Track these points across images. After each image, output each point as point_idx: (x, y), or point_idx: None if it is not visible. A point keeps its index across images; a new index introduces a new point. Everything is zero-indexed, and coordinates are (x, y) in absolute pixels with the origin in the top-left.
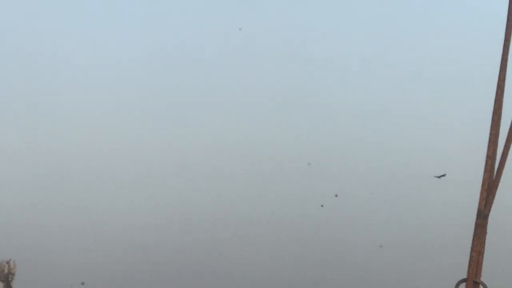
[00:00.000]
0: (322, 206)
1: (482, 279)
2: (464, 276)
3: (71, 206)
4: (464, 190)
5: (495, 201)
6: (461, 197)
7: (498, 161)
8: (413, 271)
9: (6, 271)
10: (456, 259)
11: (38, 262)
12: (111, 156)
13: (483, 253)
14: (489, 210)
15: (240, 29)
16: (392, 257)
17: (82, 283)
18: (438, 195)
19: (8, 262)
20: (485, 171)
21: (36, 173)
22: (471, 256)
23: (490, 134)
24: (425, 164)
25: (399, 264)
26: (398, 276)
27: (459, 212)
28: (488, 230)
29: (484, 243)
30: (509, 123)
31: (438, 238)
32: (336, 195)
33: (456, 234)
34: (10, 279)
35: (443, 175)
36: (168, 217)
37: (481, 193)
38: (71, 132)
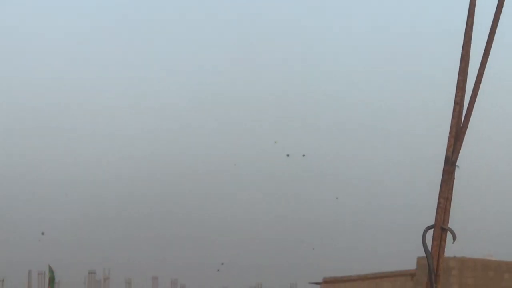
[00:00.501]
0: (288, 155)
1: (450, 225)
2: (432, 222)
3: (32, 158)
4: (431, 137)
5: (462, 147)
6: (428, 144)
7: (466, 107)
8: (380, 219)
9: None
10: (423, 206)
11: None
12: (67, 108)
13: (451, 199)
14: (456, 157)
15: None
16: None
17: (42, 233)
18: (404, 144)
19: None
20: (452, 118)
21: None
22: (438, 203)
23: (458, 80)
24: (387, 117)
25: (365, 215)
26: (367, 225)
27: (426, 158)
28: (455, 177)
29: (451, 189)
30: (477, 69)
31: (405, 185)
32: (304, 155)
33: (424, 181)
34: None
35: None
36: (128, 171)
37: (449, 140)
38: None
